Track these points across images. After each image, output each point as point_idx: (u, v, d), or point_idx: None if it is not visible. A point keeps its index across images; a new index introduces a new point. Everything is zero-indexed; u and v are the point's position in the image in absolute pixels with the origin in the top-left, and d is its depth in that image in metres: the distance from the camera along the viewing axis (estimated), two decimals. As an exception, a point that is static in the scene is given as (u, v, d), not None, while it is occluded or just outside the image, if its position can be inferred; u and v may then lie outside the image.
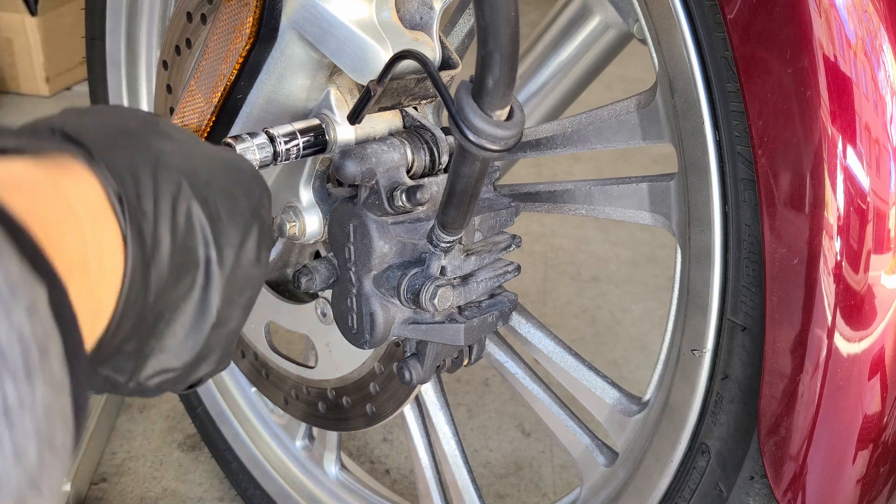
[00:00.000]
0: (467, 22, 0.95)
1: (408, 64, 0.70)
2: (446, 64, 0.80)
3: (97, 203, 0.46)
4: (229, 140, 0.73)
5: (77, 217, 0.44)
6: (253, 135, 0.74)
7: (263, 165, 0.74)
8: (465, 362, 0.90)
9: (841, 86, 0.61)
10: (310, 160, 0.84)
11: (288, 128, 0.76)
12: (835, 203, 0.63)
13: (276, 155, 0.74)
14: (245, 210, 0.57)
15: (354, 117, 0.75)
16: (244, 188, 0.58)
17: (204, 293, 0.54)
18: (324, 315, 1.00)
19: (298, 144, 0.76)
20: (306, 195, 0.85)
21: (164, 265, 0.50)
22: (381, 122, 0.81)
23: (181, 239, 0.51)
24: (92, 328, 0.45)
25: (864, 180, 0.62)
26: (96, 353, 0.47)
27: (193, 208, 0.52)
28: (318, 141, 0.78)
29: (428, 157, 0.80)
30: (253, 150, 0.73)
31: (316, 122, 0.78)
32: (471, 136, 0.57)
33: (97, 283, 0.45)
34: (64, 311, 0.39)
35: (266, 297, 1.07)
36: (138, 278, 0.48)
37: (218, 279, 0.54)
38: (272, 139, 0.74)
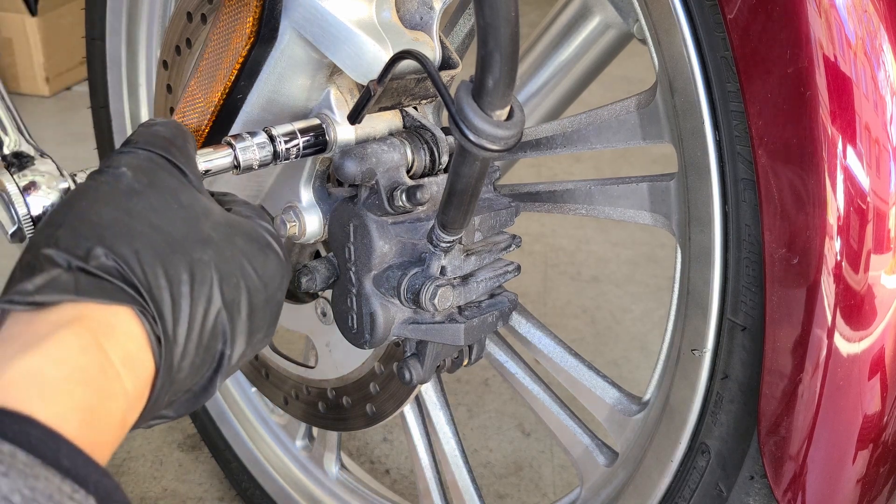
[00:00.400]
0: (467, 22, 0.95)
1: (408, 64, 0.70)
2: (446, 64, 0.80)
3: (140, 351, 0.53)
4: (230, 139, 0.73)
5: (121, 380, 0.51)
6: (253, 134, 0.74)
7: (263, 165, 0.74)
8: (465, 362, 0.90)
9: (841, 86, 0.61)
10: (310, 160, 0.84)
11: (288, 127, 0.76)
12: (835, 203, 0.63)
13: (276, 154, 0.74)
14: (262, 301, 0.62)
15: (354, 117, 0.75)
16: (268, 279, 0.62)
17: (211, 378, 0.60)
18: (324, 315, 1.00)
19: (298, 144, 0.76)
20: (306, 195, 0.85)
21: (185, 373, 0.57)
22: (381, 122, 0.81)
23: (205, 344, 0.58)
24: (123, 432, 0.53)
25: (864, 180, 0.62)
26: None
27: (220, 315, 0.58)
28: (318, 141, 0.78)
29: (428, 157, 0.80)
30: (253, 150, 0.73)
31: (316, 121, 0.78)
32: (471, 136, 0.57)
33: (129, 420, 0.53)
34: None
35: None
36: (161, 397, 0.56)
37: (226, 368, 0.60)
38: (272, 138, 0.74)
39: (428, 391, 1.06)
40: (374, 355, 0.99)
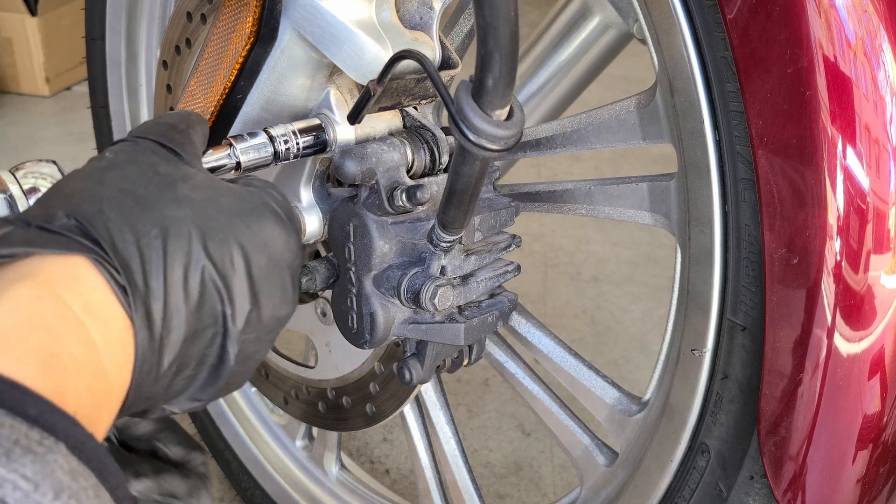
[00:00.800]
0: (467, 22, 0.95)
1: (408, 64, 0.70)
2: (446, 64, 0.80)
3: (104, 302, 0.52)
4: (230, 139, 0.73)
5: (85, 328, 0.50)
6: (253, 134, 0.74)
7: (263, 165, 0.74)
8: (465, 362, 0.90)
9: (841, 86, 0.61)
10: (310, 160, 0.84)
11: (288, 128, 0.76)
12: (835, 203, 0.63)
13: (276, 155, 0.74)
14: (264, 261, 0.60)
15: (354, 117, 0.75)
16: (266, 239, 0.61)
17: (222, 345, 0.58)
18: (324, 315, 1.00)
19: (298, 144, 0.76)
20: (306, 195, 0.85)
21: (179, 332, 0.55)
22: (381, 121, 0.81)
23: (195, 302, 0.56)
24: (110, 407, 0.52)
25: (863, 180, 0.62)
26: (119, 415, 0.53)
27: (206, 271, 0.56)
28: (317, 141, 0.78)
29: (428, 157, 0.80)
30: (253, 150, 0.73)
31: (316, 121, 0.79)
32: (471, 136, 0.57)
33: (111, 373, 0.51)
34: (97, 455, 0.44)
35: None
36: (149, 355, 0.54)
37: (234, 331, 0.58)
38: (272, 139, 0.74)
39: (428, 391, 1.06)
40: (373, 355, 0.99)
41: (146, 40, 1.32)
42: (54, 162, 0.66)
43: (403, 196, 0.76)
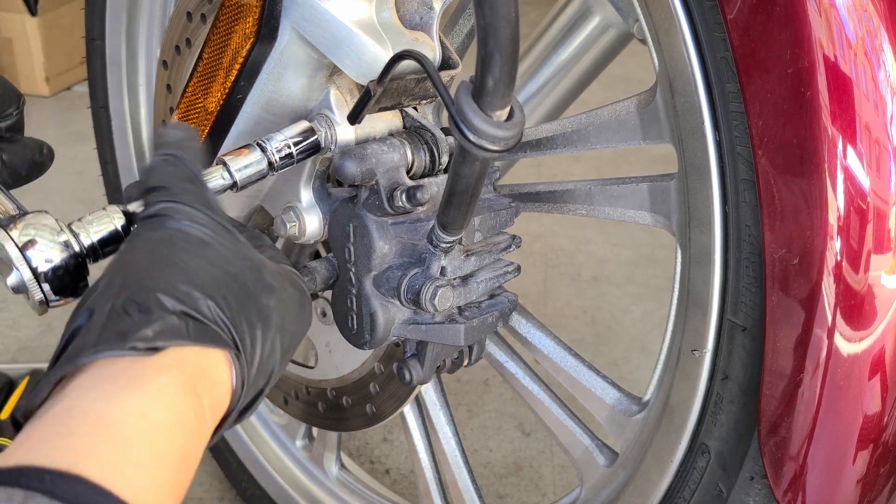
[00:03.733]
0: (467, 22, 0.95)
1: (408, 64, 0.70)
2: (446, 64, 0.80)
3: (225, 392, 0.58)
4: (223, 159, 0.74)
5: (206, 423, 0.55)
6: (245, 150, 0.75)
7: (259, 179, 0.76)
8: (465, 363, 0.90)
9: (841, 86, 0.61)
10: (310, 160, 0.84)
11: (279, 137, 0.76)
12: (835, 203, 0.63)
13: (271, 165, 0.76)
14: (295, 344, 0.68)
15: (354, 117, 0.75)
16: (303, 323, 0.69)
17: (243, 413, 0.63)
18: (324, 315, 1.00)
19: (292, 151, 0.77)
20: (306, 195, 0.85)
21: (250, 393, 0.62)
22: (381, 122, 0.81)
23: (264, 369, 0.62)
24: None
25: (864, 180, 0.62)
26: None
27: (275, 357, 0.63)
28: (310, 144, 0.78)
29: (428, 158, 0.80)
30: (247, 168, 0.74)
31: (305, 124, 0.78)
32: (471, 137, 0.57)
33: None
34: None
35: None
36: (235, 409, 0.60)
37: (258, 403, 0.65)
38: (264, 151, 0.75)
39: (428, 391, 1.06)
40: (373, 355, 0.99)
41: (146, 40, 1.32)
42: (48, 213, 0.67)
43: (403, 197, 0.75)
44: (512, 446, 1.67)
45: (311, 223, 0.85)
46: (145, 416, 0.49)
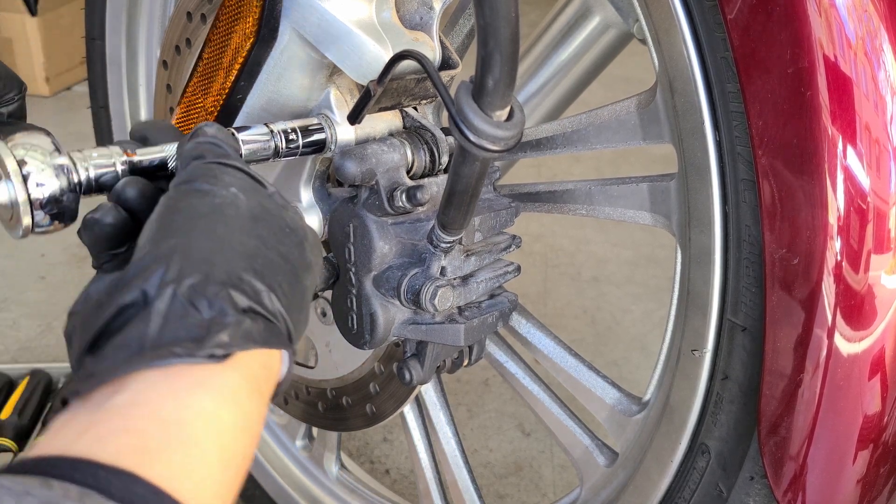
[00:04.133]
0: (467, 22, 0.95)
1: (408, 64, 0.70)
2: (446, 64, 0.80)
3: (274, 385, 0.56)
4: (233, 129, 0.72)
5: (264, 417, 0.54)
6: (254, 126, 0.73)
7: (263, 159, 0.73)
8: (465, 363, 0.90)
9: (841, 86, 0.61)
10: (310, 160, 0.84)
11: (288, 124, 0.75)
12: (835, 203, 0.63)
13: (276, 150, 0.74)
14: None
15: (354, 117, 0.75)
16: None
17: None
18: (324, 315, 1.00)
19: (298, 141, 0.75)
20: (306, 195, 0.85)
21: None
22: (381, 122, 0.81)
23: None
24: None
25: (864, 180, 0.62)
26: None
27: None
28: (317, 140, 0.77)
29: (428, 158, 0.80)
30: (254, 142, 0.72)
31: (315, 120, 0.78)
32: (471, 137, 0.57)
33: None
34: None
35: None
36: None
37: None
38: (272, 133, 0.73)
39: (428, 391, 1.06)
40: (373, 355, 0.99)
41: (146, 40, 1.32)
42: (48, 133, 0.63)
43: (403, 197, 0.75)
44: (512, 446, 1.67)
45: (311, 223, 0.85)
46: (217, 418, 0.48)
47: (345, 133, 0.79)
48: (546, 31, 1.18)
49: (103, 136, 1.44)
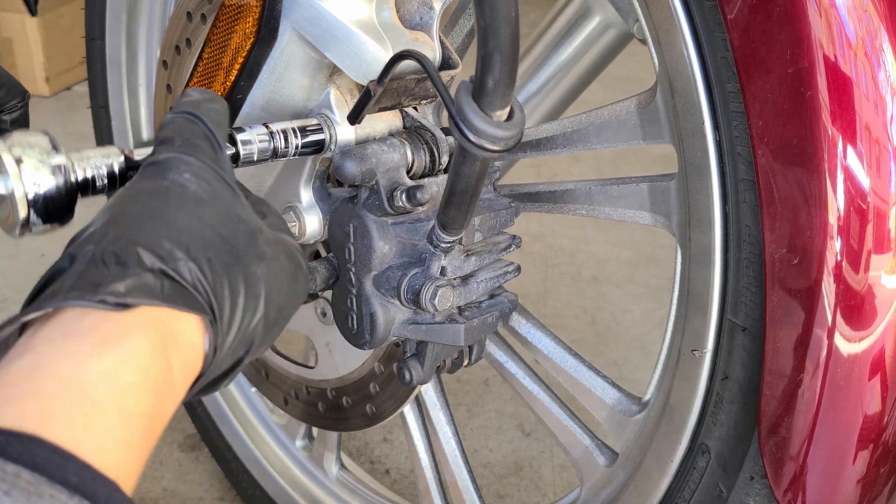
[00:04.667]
0: (467, 22, 0.95)
1: (408, 64, 0.70)
2: (446, 64, 0.80)
3: (196, 358, 0.56)
4: (231, 130, 0.72)
5: (176, 387, 0.54)
6: (253, 127, 0.73)
7: (262, 159, 0.73)
8: (465, 363, 0.90)
9: (841, 86, 0.61)
10: (310, 160, 0.84)
11: (287, 124, 0.75)
12: (835, 203, 0.63)
13: (274, 151, 0.74)
14: (284, 317, 0.66)
15: (354, 117, 0.75)
16: (295, 297, 0.66)
17: (218, 380, 0.63)
18: (324, 315, 1.00)
19: (297, 142, 0.75)
20: (306, 195, 0.85)
21: (213, 374, 0.60)
22: (381, 122, 0.81)
23: (235, 350, 0.60)
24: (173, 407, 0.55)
25: (864, 180, 0.62)
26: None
27: (257, 327, 0.61)
28: (315, 140, 0.77)
29: (428, 158, 0.80)
30: (252, 143, 0.72)
31: (314, 121, 0.78)
32: (471, 137, 0.57)
33: (180, 395, 0.55)
34: None
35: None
36: (206, 374, 0.59)
37: (236, 371, 0.63)
38: (271, 134, 0.73)
39: (428, 391, 1.06)
40: (373, 355, 0.99)
41: (146, 40, 1.32)
42: (46, 133, 0.63)
43: (403, 197, 0.75)
44: (512, 446, 1.67)
45: (311, 223, 0.85)
46: (116, 378, 0.48)
47: (345, 133, 0.79)
48: (546, 31, 1.18)
49: (103, 135, 1.44)
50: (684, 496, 0.80)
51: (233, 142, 0.71)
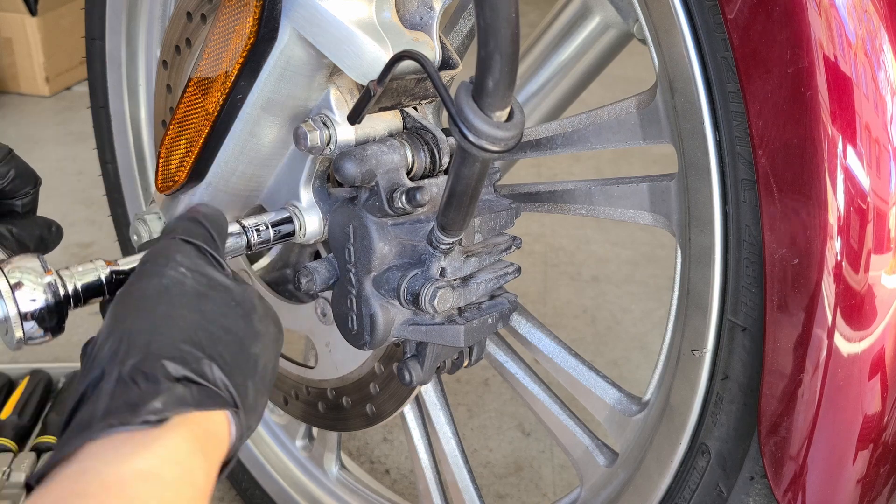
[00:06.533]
0: (467, 22, 0.95)
1: (408, 64, 0.70)
2: (446, 64, 0.80)
3: (224, 449, 0.60)
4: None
5: (210, 480, 0.58)
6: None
7: (237, 255, 0.80)
8: (465, 363, 0.90)
9: (841, 86, 0.61)
10: (310, 159, 0.84)
11: (261, 218, 0.82)
12: (835, 203, 0.63)
13: (248, 244, 0.80)
14: (277, 366, 0.71)
15: (354, 118, 0.75)
16: (279, 349, 0.71)
17: (252, 428, 0.67)
18: (324, 315, 1.00)
19: (269, 235, 0.82)
20: (306, 195, 0.85)
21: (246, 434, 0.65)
22: (381, 122, 0.81)
23: (257, 414, 0.66)
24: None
25: (864, 180, 0.62)
26: None
27: (264, 396, 0.67)
28: (287, 232, 0.84)
29: (428, 159, 0.80)
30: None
31: (286, 213, 0.84)
32: (471, 137, 0.57)
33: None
34: None
35: (266, 298, 1.07)
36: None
37: (259, 419, 0.68)
38: (244, 229, 0.80)
39: (428, 391, 1.06)
40: (373, 356, 0.99)
41: (146, 40, 1.32)
42: (37, 256, 0.70)
43: (403, 198, 0.75)
44: (512, 446, 1.67)
45: (311, 223, 0.85)
46: (157, 476, 0.52)
47: (345, 133, 0.79)
48: (546, 31, 1.18)
49: (103, 135, 1.44)
50: (684, 496, 0.80)
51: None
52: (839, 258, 0.64)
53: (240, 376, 0.62)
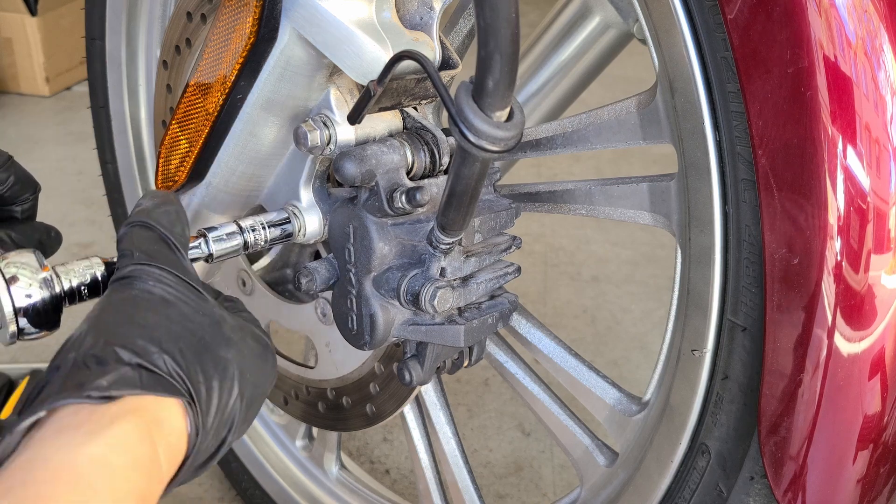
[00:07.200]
0: (467, 22, 0.95)
1: (408, 64, 0.70)
2: (446, 64, 0.80)
3: (180, 439, 0.61)
4: (203, 231, 0.78)
5: (161, 469, 0.59)
6: (223, 226, 0.79)
7: (233, 255, 0.80)
8: (466, 363, 0.90)
9: (841, 86, 0.61)
10: (310, 159, 0.84)
11: (257, 219, 0.82)
12: (835, 203, 0.63)
13: (245, 245, 0.80)
14: (259, 396, 0.71)
15: (354, 118, 0.75)
16: (266, 377, 0.72)
17: (207, 462, 0.67)
18: (324, 315, 1.00)
19: (266, 235, 0.82)
20: (306, 195, 0.85)
21: (202, 456, 0.65)
22: (381, 122, 0.81)
23: (218, 430, 0.66)
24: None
25: (864, 180, 0.62)
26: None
27: (235, 406, 0.67)
28: (284, 233, 0.84)
29: (428, 159, 0.80)
30: (223, 241, 0.79)
31: (284, 215, 0.84)
32: (471, 137, 0.57)
33: (165, 479, 0.60)
34: None
35: (266, 298, 1.07)
36: (183, 475, 0.64)
37: (222, 452, 0.68)
38: (241, 229, 0.80)
39: (428, 391, 1.06)
40: (373, 356, 0.99)
41: (146, 40, 1.32)
42: (34, 251, 0.71)
43: (403, 198, 0.75)
44: (512, 446, 1.67)
45: (311, 223, 0.85)
46: (106, 461, 0.53)
47: (345, 133, 0.79)
48: (546, 31, 1.18)
49: (103, 135, 1.44)
50: (684, 496, 0.80)
51: (205, 240, 0.78)
52: (839, 258, 0.64)
53: (199, 373, 0.63)
